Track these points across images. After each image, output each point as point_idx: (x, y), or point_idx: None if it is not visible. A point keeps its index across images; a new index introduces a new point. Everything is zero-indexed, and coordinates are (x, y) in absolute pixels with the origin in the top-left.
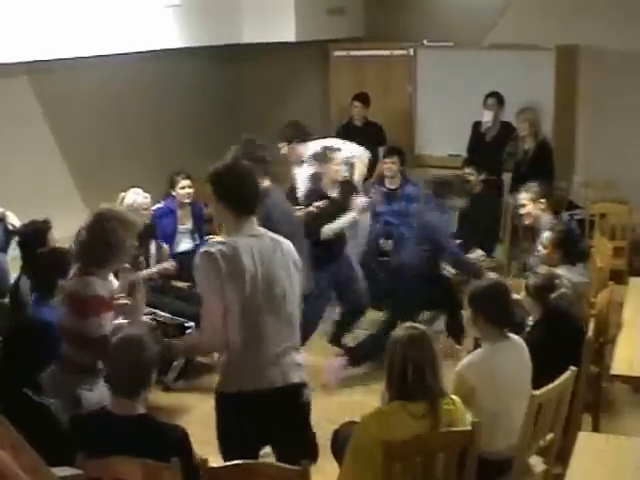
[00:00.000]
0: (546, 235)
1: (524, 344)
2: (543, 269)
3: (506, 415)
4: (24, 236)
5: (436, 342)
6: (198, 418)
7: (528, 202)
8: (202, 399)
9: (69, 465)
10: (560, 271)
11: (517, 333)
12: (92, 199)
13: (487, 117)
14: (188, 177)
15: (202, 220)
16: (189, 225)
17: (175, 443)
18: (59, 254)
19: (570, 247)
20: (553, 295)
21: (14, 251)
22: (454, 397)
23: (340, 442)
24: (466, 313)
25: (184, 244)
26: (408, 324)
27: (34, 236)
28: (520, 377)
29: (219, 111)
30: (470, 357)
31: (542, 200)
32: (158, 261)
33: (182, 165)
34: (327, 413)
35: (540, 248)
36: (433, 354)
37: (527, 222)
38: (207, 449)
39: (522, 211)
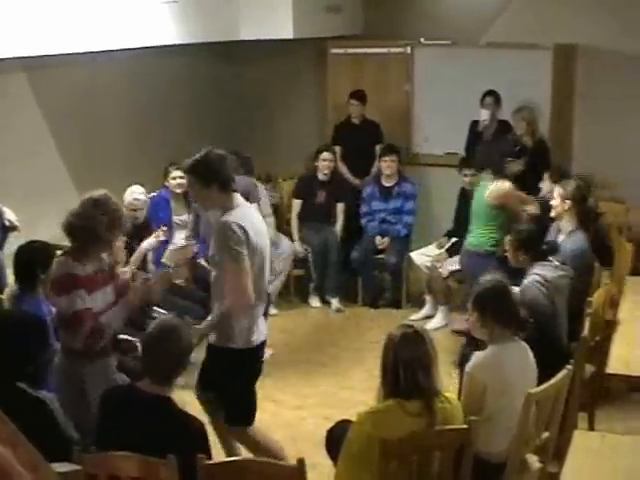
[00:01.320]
0: (507, 238)
1: (527, 346)
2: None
3: (508, 415)
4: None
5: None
6: (194, 414)
7: (558, 197)
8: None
9: (66, 459)
10: (535, 270)
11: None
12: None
13: (484, 116)
14: (180, 168)
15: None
16: (184, 217)
17: (195, 432)
18: (39, 248)
19: (535, 246)
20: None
21: (8, 249)
22: (449, 395)
23: (335, 440)
24: (469, 314)
25: (180, 240)
26: (404, 323)
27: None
28: (525, 378)
29: (215, 108)
30: (478, 357)
31: (567, 201)
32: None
33: (179, 160)
34: (323, 411)
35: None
36: (427, 353)
37: (553, 214)
38: None
39: (552, 202)
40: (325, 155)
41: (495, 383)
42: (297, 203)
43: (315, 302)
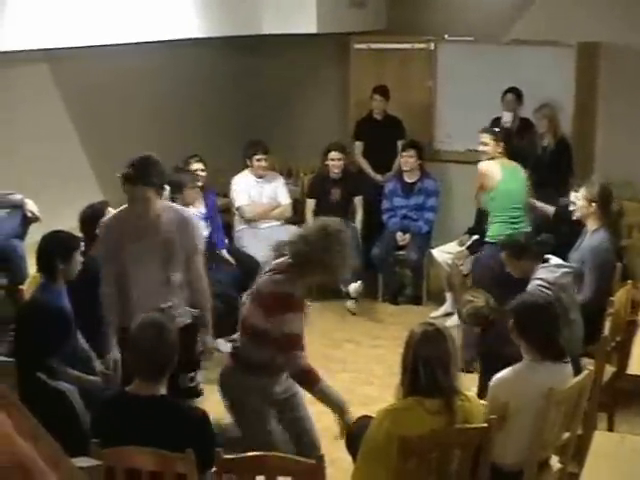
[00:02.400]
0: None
1: (571, 372)
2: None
3: (527, 431)
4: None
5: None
6: (208, 407)
7: (582, 199)
8: (213, 389)
9: (84, 451)
10: (537, 275)
11: None
12: (111, 187)
13: (507, 117)
14: (201, 161)
15: (215, 208)
16: (202, 209)
17: (196, 423)
18: (62, 238)
19: (525, 252)
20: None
21: (32, 238)
22: (469, 393)
23: (355, 436)
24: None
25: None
26: (426, 320)
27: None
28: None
29: (237, 101)
30: (503, 375)
31: (594, 203)
32: None
33: (201, 153)
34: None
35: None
36: (447, 351)
37: (576, 216)
38: None
39: (576, 204)
40: (333, 154)
41: (517, 401)
42: (311, 202)
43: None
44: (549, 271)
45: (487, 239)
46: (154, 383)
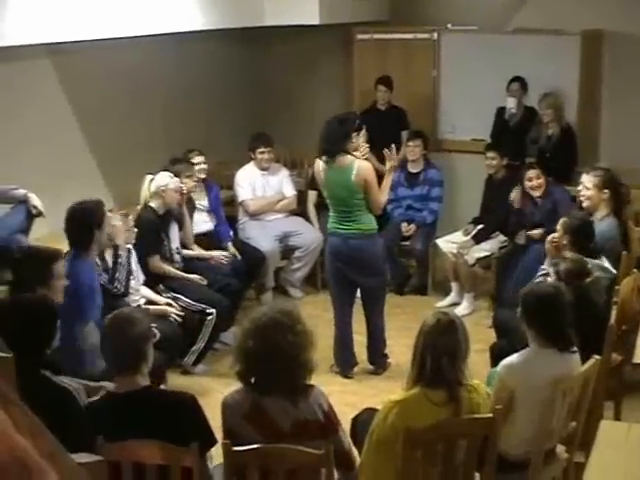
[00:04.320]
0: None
1: (578, 361)
2: (570, 254)
3: (533, 421)
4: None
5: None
6: (218, 401)
7: (592, 187)
8: (222, 383)
9: (88, 449)
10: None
11: None
12: (115, 181)
13: (511, 104)
14: (201, 154)
15: (219, 202)
16: (205, 202)
17: (185, 408)
18: (92, 206)
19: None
20: (588, 280)
21: (35, 234)
22: (476, 384)
23: (359, 428)
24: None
25: (204, 224)
26: (442, 310)
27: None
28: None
29: (240, 93)
30: (510, 361)
31: (606, 190)
32: (182, 243)
33: (205, 146)
34: (347, 398)
35: None
36: (457, 342)
37: (585, 205)
38: None
39: (583, 193)
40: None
41: (524, 388)
42: (313, 194)
43: None
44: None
45: None
46: (132, 375)
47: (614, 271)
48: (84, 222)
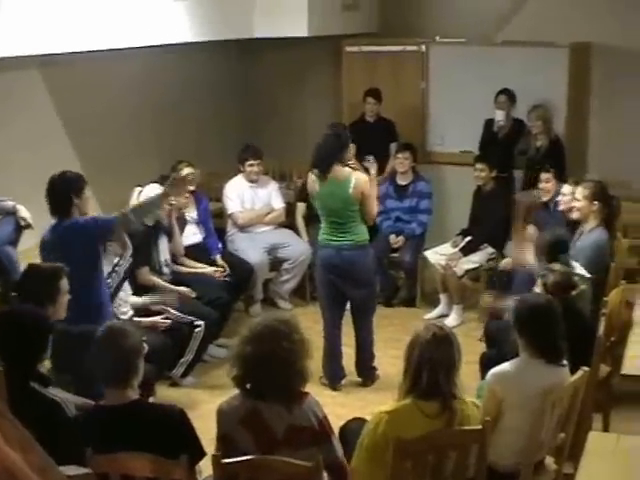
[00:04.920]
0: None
1: (567, 374)
2: (557, 266)
3: (523, 431)
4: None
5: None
6: (207, 413)
7: (582, 199)
8: (211, 394)
9: (78, 461)
10: None
11: None
12: (103, 193)
13: (499, 117)
14: (190, 165)
15: (208, 213)
16: (194, 214)
17: (174, 421)
18: (72, 177)
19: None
20: (574, 292)
21: (24, 245)
22: (468, 399)
23: (347, 438)
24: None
25: (193, 236)
26: (436, 323)
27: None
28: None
29: (230, 105)
30: (500, 369)
31: (596, 202)
32: (172, 255)
33: (195, 157)
34: (336, 410)
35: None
36: (452, 356)
37: (575, 217)
38: None
39: (574, 204)
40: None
41: (513, 398)
42: (301, 206)
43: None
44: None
45: None
46: (123, 389)
47: (588, 275)
48: (63, 190)
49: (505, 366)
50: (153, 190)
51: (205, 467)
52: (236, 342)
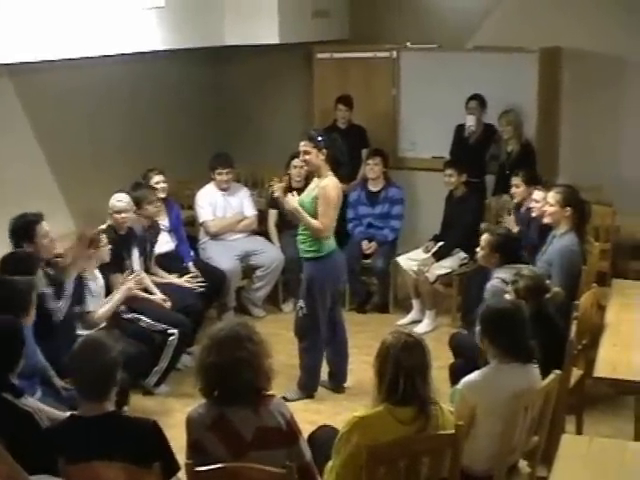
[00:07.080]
0: (484, 237)
1: (538, 375)
2: (526, 271)
3: (497, 436)
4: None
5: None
6: (181, 422)
7: (555, 204)
8: (185, 403)
9: (50, 471)
10: (498, 274)
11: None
12: (76, 203)
13: (470, 122)
14: (161, 173)
15: (179, 221)
16: (166, 222)
17: (148, 434)
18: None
19: (508, 251)
20: (547, 296)
21: None
22: (442, 405)
23: (317, 445)
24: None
25: (165, 244)
26: (402, 330)
27: (23, 228)
28: (522, 402)
29: (201, 113)
30: (471, 377)
31: (568, 208)
32: (145, 266)
33: (166, 165)
34: (307, 416)
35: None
36: (425, 361)
37: (546, 221)
38: None
39: (546, 208)
40: (296, 162)
41: (485, 404)
42: (273, 213)
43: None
44: (508, 271)
45: None
46: (99, 402)
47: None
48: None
49: (476, 374)
50: (112, 200)
51: (180, 474)
52: (198, 352)
